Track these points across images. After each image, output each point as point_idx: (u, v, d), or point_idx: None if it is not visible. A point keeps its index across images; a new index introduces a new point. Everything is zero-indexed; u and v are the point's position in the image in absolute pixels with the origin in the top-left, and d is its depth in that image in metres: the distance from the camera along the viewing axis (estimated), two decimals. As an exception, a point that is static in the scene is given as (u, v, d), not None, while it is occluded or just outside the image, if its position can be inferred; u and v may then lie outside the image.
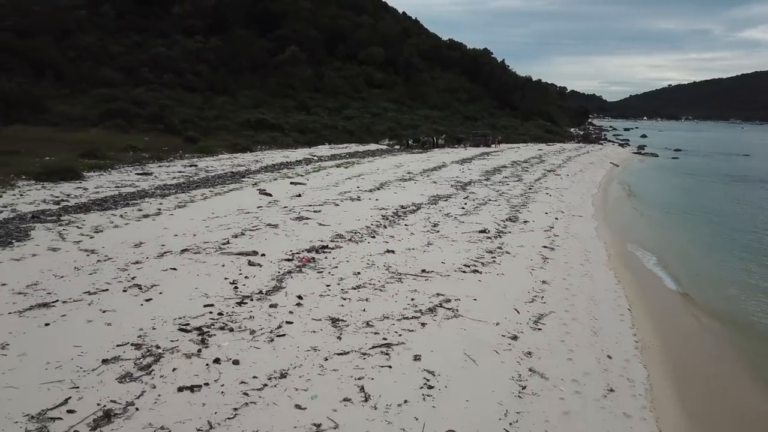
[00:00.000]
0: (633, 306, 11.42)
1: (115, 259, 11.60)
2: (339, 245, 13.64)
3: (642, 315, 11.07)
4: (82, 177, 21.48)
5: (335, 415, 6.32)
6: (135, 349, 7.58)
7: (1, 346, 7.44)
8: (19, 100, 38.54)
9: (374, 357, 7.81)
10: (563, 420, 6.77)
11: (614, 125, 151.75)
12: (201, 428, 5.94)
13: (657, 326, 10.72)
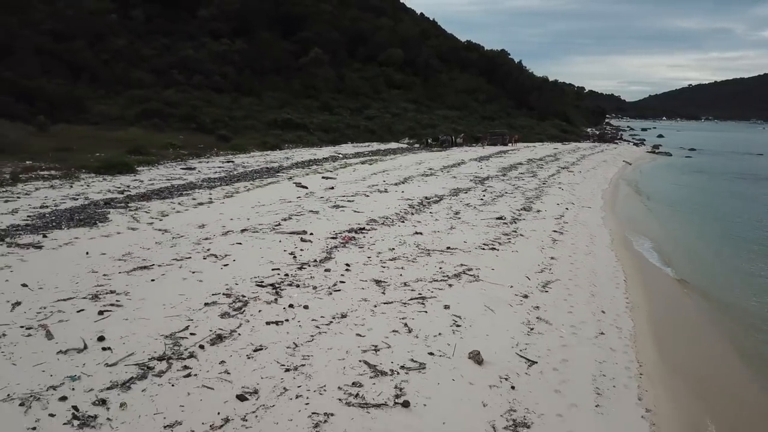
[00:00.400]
0: (629, 278, 13.43)
1: (187, 236, 13.82)
2: (374, 228, 15.78)
3: (635, 284, 13.08)
4: (136, 171, 23.84)
5: (387, 340, 8.44)
6: (226, 297, 9.76)
7: (125, 294, 9.66)
8: (62, 100, 41.14)
9: (412, 306, 9.92)
10: (561, 349, 8.82)
11: (632, 125, 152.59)
12: (289, 347, 8.08)
13: (647, 293, 12.72)
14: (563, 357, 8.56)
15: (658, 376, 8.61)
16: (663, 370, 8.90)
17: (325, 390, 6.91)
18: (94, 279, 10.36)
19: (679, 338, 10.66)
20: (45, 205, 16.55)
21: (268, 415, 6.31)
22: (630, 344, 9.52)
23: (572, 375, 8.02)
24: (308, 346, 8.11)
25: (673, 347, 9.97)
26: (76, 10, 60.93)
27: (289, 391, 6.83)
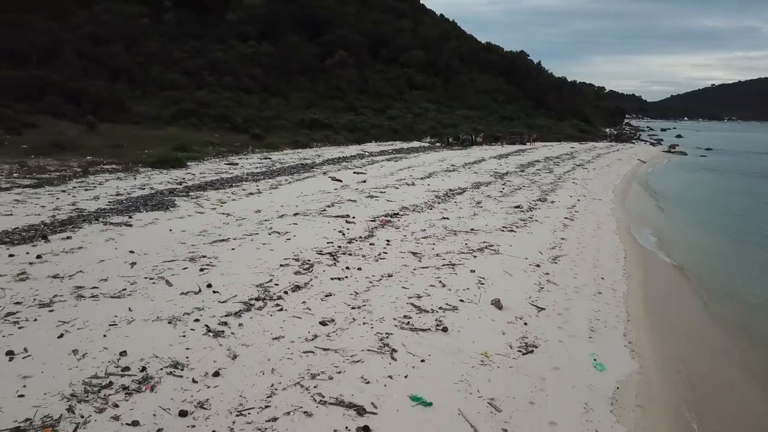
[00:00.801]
0: (628, 255, 15.68)
1: (248, 219, 16.29)
2: (406, 213, 18.16)
3: (633, 261, 15.31)
4: (186, 166, 26.46)
5: (426, 291, 10.81)
6: (296, 261, 12.20)
7: (214, 257, 12.13)
8: (105, 101, 44.03)
9: (444, 269, 12.28)
10: (565, 302, 11.13)
11: (652, 126, 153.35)
12: (351, 294, 10.47)
13: (643, 268, 14.94)
14: (566, 307, 10.86)
15: (642, 323, 10.88)
16: (646, 320, 11.16)
17: (384, 320, 9.31)
18: (185, 248, 12.85)
19: (663, 301, 12.87)
20: (119, 193, 19.15)
21: (345, 333, 8.71)
22: (622, 301, 11.79)
23: (572, 318, 10.33)
24: (366, 294, 10.51)
25: (657, 306, 12.18)
26: (112, 14, 64.25)
27: (357, 321, 9.24)
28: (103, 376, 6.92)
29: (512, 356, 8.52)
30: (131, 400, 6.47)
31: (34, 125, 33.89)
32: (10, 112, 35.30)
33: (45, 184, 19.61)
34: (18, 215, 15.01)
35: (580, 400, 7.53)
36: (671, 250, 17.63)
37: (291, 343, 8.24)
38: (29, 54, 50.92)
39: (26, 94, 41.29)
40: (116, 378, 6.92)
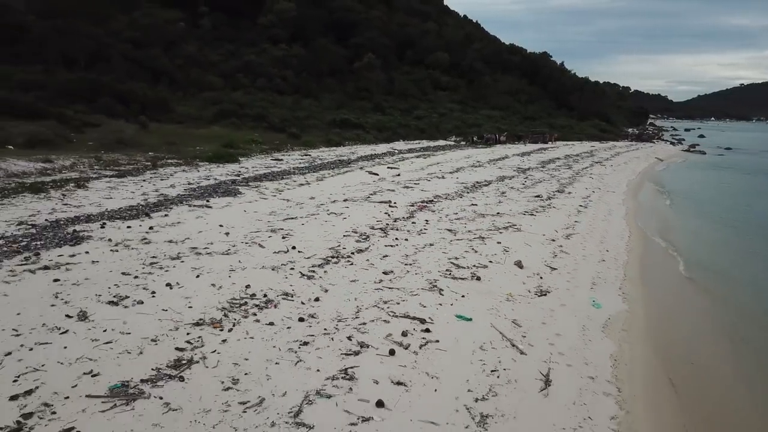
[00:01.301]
0: (632, 235, 18.40)
1: (306, 204, 19.28)
2: (440, 200, 21.05)
3: (636, 239, 18.06)
4: (239, 161, 29.60)
5: (461, 255, 13.68)
6: (354, 233, 15.15)
7: (290, 229, 15.12)
8: (151, 102, 47.49)
9: (475, 241, 15.14)
10: (574, 265, 13.93)
11: (676, 126, 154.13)
12: (402, 255, 13.36)
13: (644, 245, 17.70)
14: (574, 268, 13.68)
15: (635, 282, 13.66)
16: (639, 280, 13.92)
17: (431, 272, 12.21)
18: (263, 223, 15.87)
19: (654, 268, 15.60)
20: (190, 183, 22.27)
21: (402, 279, 11.63)
22: (621, 267, 14.57)
23: (579, 276, 13.14)
24: (414, 256, 13.41)
25: (649, 271, 14.95)
26: (151, 19, 68.00)
27: (410, 272, 12.15)
28: (240, 299, 9.93)
29: (530, 297, 11.38)
30: (263, 313, 9.45)
31: (94, 124, 37.29)
32: (71, 113, 38.75)
33: (126, 175, 22.84)
34: (116, 199, 18.17)
35: (579, 323, 10.37)
36: (670, 234, 20.27)
37: (364, 284, 11.18)
38: (77, 58, 54.75)
39: (80, 95, 44.74)
40: (248, 300, 9.92)
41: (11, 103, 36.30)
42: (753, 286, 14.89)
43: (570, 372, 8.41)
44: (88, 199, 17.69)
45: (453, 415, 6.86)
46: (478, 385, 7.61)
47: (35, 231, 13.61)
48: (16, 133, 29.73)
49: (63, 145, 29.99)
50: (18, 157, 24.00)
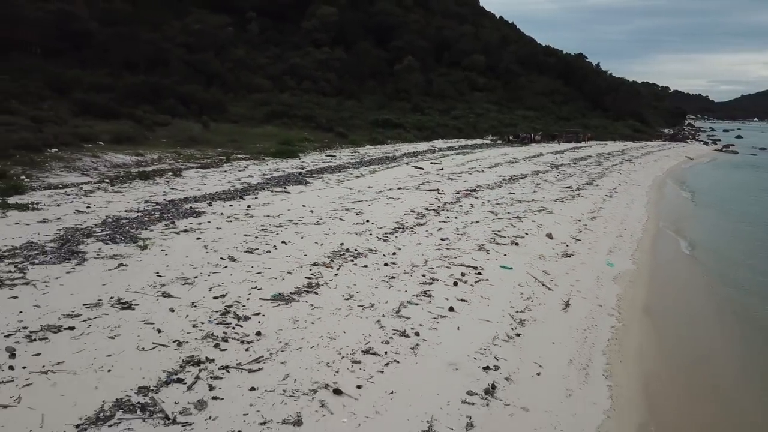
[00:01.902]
0: (650, 219, 21.49)
1: (366, 191, 22.77)
2: (481, 189, 24.38)
3: (653, 223, 21.18)
4: (298, 156, 33.30)
5: (502, 229, 17.00)
6: (412, 212, 18.60)
7: (359, 209, 18.63)
8: (209, 103, 51.67)
9: (513, 220, 18.46)
10: (596, 238, 17.19)
11: (715, 126, 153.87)
12: (454, 229, 16.73)
13: (658, 227, 20.75)
14: (595, 241, 16.92)
15: (645, 252, 16.85)
16: (649, 251, 17.12)
17: (478, 240, 15.60)
18: (336, 204, 19.41)
19: (664, 243, 18.75)
20: (264, 174, 25.98)
21: (456, 243, 15.01)
22: (635, 242, 17.76)
23: (598, 246, 16.40)
24: (463, 229, 16.79)
25: (659, 245, 18.11)
26: (202, 24, 72.53)
27: (462, 240, 15.55)
28: (338, 252, 13.44)
29: (557, 258, 14.68)
30: (358, 260, 12.94)
31: (163, 123, 41.43)
32: (140, 113, 42.95)
33: (209, 167, 26.70)
34: (209, 185, 21.91)
35: (595, 275, 13.66)
36: (683, 222, 23.27)
37: (427, 246, 14.60)
38: (138, 62, 59.31)
39: (145, 97, 48.98)
40: (344, 253, 13.43)
41: (89, 104, 40.69)
42: (739, 262, 17.87)
43: (585, 302, 11.73)
44: (188, 185, 21.49)
45: (501, 318, 10.24)
46: (517, 304, 11.01)
47: (160, 207, 17.35)
48: (100, 131, 33.87)
49: (142, 141, 34.03)
50: (113, 152, 28.03)
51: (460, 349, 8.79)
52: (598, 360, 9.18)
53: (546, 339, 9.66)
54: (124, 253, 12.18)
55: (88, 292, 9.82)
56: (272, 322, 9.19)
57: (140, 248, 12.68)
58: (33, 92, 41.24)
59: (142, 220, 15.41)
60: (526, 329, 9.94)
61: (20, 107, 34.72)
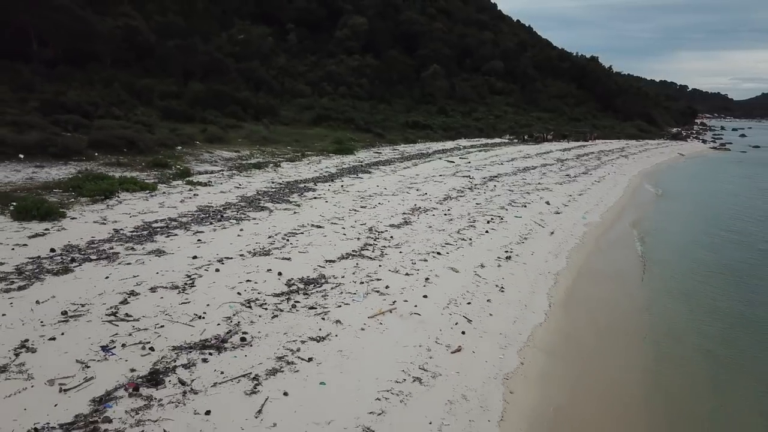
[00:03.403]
0: (624, 196, 30.15)
1: (415, 178, 31.63)
2: (501, 176, 33.19)
3: (626, 199, 29.81)
4: (354, 153, 42.20)
5: (516, 199, 25.84)
6: (453, 190, 27.48)
7: (417, 188, 27.53)
8: (264, 108, 60.78)
9: (524, 195, 27.29)
10: (579, 206, 25.95)
11: (727, 125, 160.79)
12: (485, 199, 25.57)
13: (628, 200, 29.44)
14: (579, 206, 25.70)
15: (612, 212, 25.56)
16: (617, 211, 25.80)
17: (501, 204, 24.41)
18: (398, 186, 28.31)
19: (631, 208, 27.46)
20: (336, 166, 34.98)
21: (485, 207, 23.88)
22: (607, 208, 26.50)
23: (580, 208, 25.22)
24: (491, 199, 25.66)
25: (627, 209, 26.84)
26: (246, 35, 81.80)
27: (490, 204, 24.42)
28: (415, 208, 22.33)
29: (551, 214, 23.50)
30: (427, 213, 21.84)
31: (234, 126, 50.53)
32: (211, 117, 52.03)
33: (293, 161, 35.69)
34: (304, 173, 30.89)
35: (572, 223, 22.55)
36: (644, 205, 31.91)
37: (467, 207, 23.46)
38: (194, 71, 68.60)
39: (209, 103, 58.01)
40: (419, 209, 22.31)
41: (170, 110, 49.87)
42: (667, 222, 26.56)
43: (562, 232, 20.63)
44: (288, 173, 30.48)
45: (515, 235, 19.11)
46: (524, 232, 19.90)
47: (283, 185, 26.32)
48: (189, 134, 42.88)
49: (227, 141, 43.14)
50: (215, 150, 37.11)
51: (492, 245, 17.71)
52: (563, 253, 18.05)
53: (539, 245, 18.57)
54: (290, 209, 21.17)
55: (292, 223, 18.79)
56: (395, 234, 18.14)
57: (297, 206, 21.71)
58: (126, 101, 50.53)
59: (282, 192, 24.42)
60: (528, 241, 18.88)
61: (120, 113, 44.03)
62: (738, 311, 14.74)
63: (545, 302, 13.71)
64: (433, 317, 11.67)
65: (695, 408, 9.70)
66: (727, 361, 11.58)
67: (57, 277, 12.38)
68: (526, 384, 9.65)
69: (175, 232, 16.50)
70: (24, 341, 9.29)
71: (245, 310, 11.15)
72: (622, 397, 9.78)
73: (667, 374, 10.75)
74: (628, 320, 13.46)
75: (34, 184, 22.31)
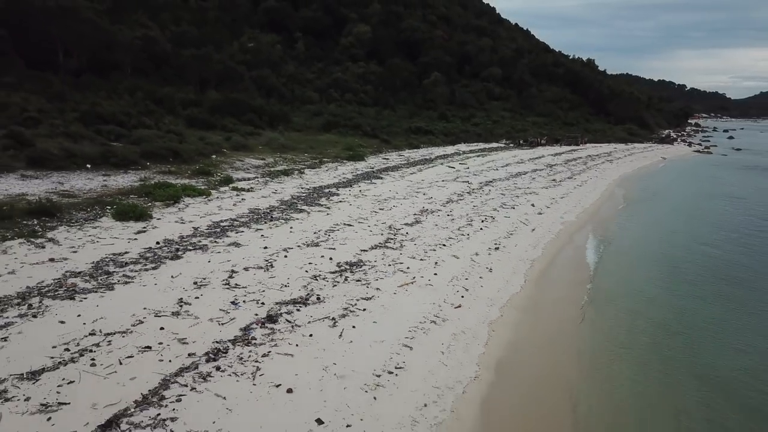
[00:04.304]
0: (600, 198, 35.51)
1: (421, 182, 36.92)
2: (496, 182, 38.50)
3: (602, 200, 35.16)
4: (365, 159, 47.44)
5: (507, 202, 31.19)
6: (454, 194, 32.79)
7: (425, 192, 32.86)
8: (277, 115, 65.96)
9: (514, 198, 32.61)
10: (561, 207, 31.30)
11: (722, 126, 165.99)
12: (480, 201, 30.89)
13: (606, 199, 34.82)
14: (559, 207, 31.02)
15: (588, 213, 30.93)
16: (591, 212, 31.14)
17: (493, 206, 29.74)
18: (408, 190, 33.60)
19: (608, 203, 32.80)
20: (351, 172, 40.21)
21: (481, 208, 29.19)
22: (583, 209, 31.81)
23: (560, 209, 30.52)
24: (486, 202, 30.99)
25: (604, 204, 32.20)
26: (257, 43, 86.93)
27: (484, 205, 29.76)
28: (423, 210, 27.66)
29: (534, 215, 28.80)
30: (433, 214, 27.15)
31: (253, 133, 55.70)
32: (231, 125, 57.19)
33: (313, 167, 40.94)
34: (325, 179, 36.13)
35: (551, 221, 27.90)
36: (628, 194, 37.31)
37: (466, 209, 28.82)
38: (209, 79, 73.75)
39: (227, 111, 63.05)
40: (426, 210, 27.63)
41: (193, 118, 55.02)
42: (633, 215, 31.92)
43: (542, 229, 26.02)
44: (312, 179, 35.73)
45: (504, 231, 24.48)
46: (511, 228, 25.29)
47: (311, 190, 31.60)
48: (216, 142, 48.07)
49: (250, 148, 48.37)
50: (243, 158, 42.35)
51: (485, 239, 23.06)
52: (540, 245, 23.41)
53: (522, 239, 23.96)
54: (323, 210, 26.46)
55: (328, 223, 24.08)
56: (409, 231, 23.46)
57: (327, 208, 27.01)
58: (154, 111, 55.46)
59: (311, 196, 29.70)
60: (513, 236, 24.25)
61: (151, 122, 49.16)
62: (667, 274, 20.48)
63: (522, 279, 19.05)
64: (442, 287, 17.01)
65: (611, 334, 15.19)
66: (646, 319, 16.91)
67: (174, 261, 17.67)
68: (503, 326, 15.02)
69: (241, 230, 21.80)
70: (179, 299, 14.60)
71: (313, 282, 16.48)
72: (562, 334, 15.22)
73: (596, 320, 16.27)
74: (575, 291, 18.91)
75: (110, 191, 27.59)
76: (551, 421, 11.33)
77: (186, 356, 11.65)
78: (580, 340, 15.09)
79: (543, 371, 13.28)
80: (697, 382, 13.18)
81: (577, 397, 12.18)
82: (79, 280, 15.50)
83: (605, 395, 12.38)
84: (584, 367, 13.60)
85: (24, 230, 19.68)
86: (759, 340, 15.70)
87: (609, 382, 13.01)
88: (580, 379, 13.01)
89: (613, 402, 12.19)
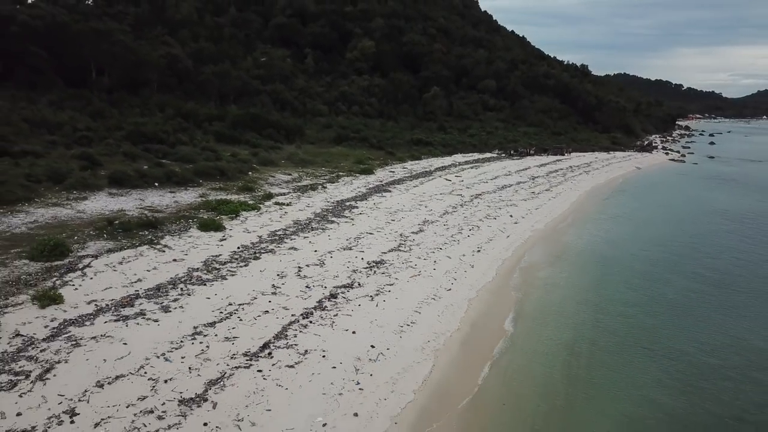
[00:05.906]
0: (569, 209, 44.37)
1: (422, 195, 45.65)
2: (484, 194, 47.29)
3: (572, 210, 44.01)
4: (374, 173, 56.06)
5: (492, 213, 40.01)
6: (450, 207, 41.59)
7: (425, 206, 41.62)
8: (292, 128, 74.44)
9: (497, 210, 41.41)
10: (534, 216, 40.15)
11: (713, 127, 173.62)
12: (471, 212, 39.68)
13: (580, 203, 43.70)
14: (533, 216, 39.83)
15: (557, 221, 39.73)
16: (559, 220, 39.97)
17: (479, 217, 38.54)
18: (413, 202, 42.37)
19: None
20: (364, 186, 48.87)
21: (472, 217, 37.99)
22: (552, 218, 40.67)
23: (533, 219, 39.31)
24: (474, 212, 39.75)
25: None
26: (269, 58, 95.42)
27: (473, 215, 38.57)
28: (426, 221, 36.48)
29: (511, 224, 37.62)
30: (433, 223, 35.94)
31: (273, 147, 64.23)
32: (253, 139, 65.64)
33: (333, 182, 49.60)
34: (344, 192, 44.81)
35: (524, 229, 36.73)
36: (586, 208, 46.21)
37: (459, 219, 37.67)
38: (228, 94, 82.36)
39: (247, 125, 71.31)
40: (428, 221, 36.42)
41: (220, 134, 63.49)
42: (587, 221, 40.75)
43: (516, 235, 34.86)
44: (333, 194, 44.40)
45: (489, 234, 33.25)
46: (492, 234, 34.12)
47: (336, 204, 40.27)
48: (245, 157, 56.67)
49: (275, 163, 57.02)
50: (274, 173, 51.02)
51: (471, 244, 31.95)
52: (512, 248, 32.26)
53: (499, 243, 32.87)
54: (348, 222, 35.19)
55: (354, 232, 32.84)
56: (415, 238, 32.25)
57: (351, 219, 35.74)
58: (187, 128, 63.61)
59: (337, 209, 38.40)
60: (492, 241, 33.13)
61: (186, 138, 57.69)
62: (598, 265, 29.49)
63: (494, 272, 27.95)
64: (439, 278, 25.89)
65: (540, 304, 24.08)
66: (564, 292, 25.78)
67: (256, 260, 26.44)
68: (477, 302, 23.98)
69: (293, 237, 30.57)
70: (272, 285, 23.38)
71: (354, 274, 25.29)
72: (513, 304, 24.11)
73: (536, 297, 25.16)
74: (534, 278, 27.85)
75: (182, 206, 36.26)
76: (493, 340, 20.30)
77: (290, 316, 20.50)
78: (520, 306, 24.05)
79: (496, 325, 22.21)
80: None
81: (511, 333, 21.27)
82: (201, 273, 24.30)
83: (528, 331, 21.38)
84: (518, 320, 22.55)
85: (144, 239, 28.44)
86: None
87: (533, 322, 22.09)
88: (517, 325, 21.98)
89: (533, 320, 21.11)
